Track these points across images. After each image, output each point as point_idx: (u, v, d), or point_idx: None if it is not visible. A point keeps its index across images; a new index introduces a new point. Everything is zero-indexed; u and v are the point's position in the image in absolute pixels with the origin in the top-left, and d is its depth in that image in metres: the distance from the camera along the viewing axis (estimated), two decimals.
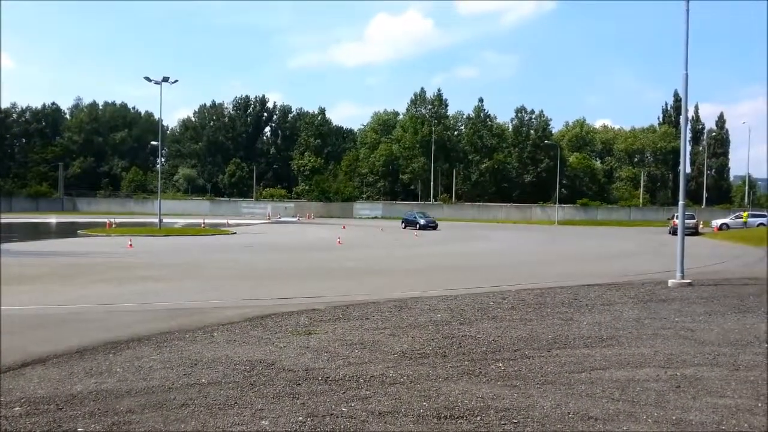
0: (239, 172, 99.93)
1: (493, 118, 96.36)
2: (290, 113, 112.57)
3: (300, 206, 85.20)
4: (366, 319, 10.25)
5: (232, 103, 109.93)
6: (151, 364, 7.23)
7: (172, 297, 13.26)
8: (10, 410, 5.63)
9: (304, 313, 10.78)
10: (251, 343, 8.37)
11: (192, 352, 7.87)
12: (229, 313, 10.87)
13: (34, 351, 7.84)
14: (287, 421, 5.33)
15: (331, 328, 9.50)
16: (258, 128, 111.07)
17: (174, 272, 18.38)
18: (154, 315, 10.86)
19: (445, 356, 7.77)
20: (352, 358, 7.57)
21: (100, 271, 18.29)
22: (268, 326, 9.58)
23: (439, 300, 12.44)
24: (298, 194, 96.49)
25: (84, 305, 11.91)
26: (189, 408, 5.67)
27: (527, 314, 10.91)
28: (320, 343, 8.42)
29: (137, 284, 15.26)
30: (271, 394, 6.10)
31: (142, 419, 5.37)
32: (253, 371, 6.93)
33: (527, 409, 5.69)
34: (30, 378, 6.70)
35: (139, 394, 6.09)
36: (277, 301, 12.44)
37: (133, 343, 8.39)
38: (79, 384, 6.44)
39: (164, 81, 42.00)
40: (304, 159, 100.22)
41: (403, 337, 8.87)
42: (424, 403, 5.83)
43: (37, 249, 26.98)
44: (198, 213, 75.32)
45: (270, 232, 44.83)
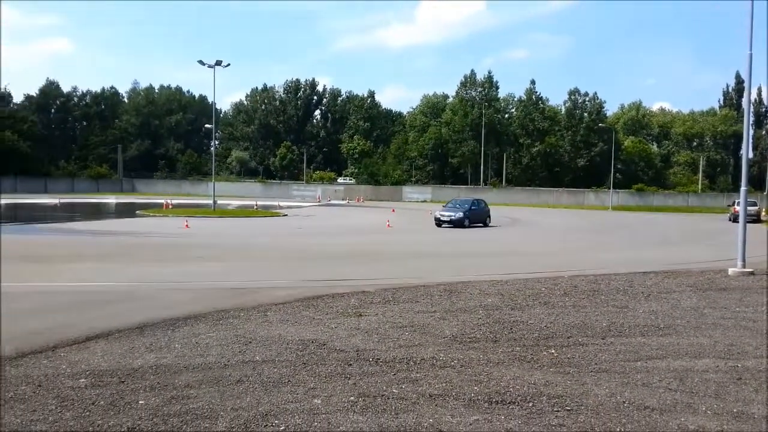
0: (290, 155, 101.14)
1: (545, 100, 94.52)
2: (340, 96, 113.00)
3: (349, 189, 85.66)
4: (416, 302, 10.27)
5: (282, 87, 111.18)
6: (208, 341, 7.45)
7: (226, 277, 13.60)
8: (76, 381, 5.89)
9: (354, 295, 10.87)
10: (303, 323, 8.51)
11: (246, 330, 8.06)
12: (281, 294, 11.06)
13: (97, 326, 8.18)
14: (339, 400, 5.42)
15: (381, 310, 9.56)
16: (308, 112, 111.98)
17: (228, 253, 18.82)
18: (210, 294, 11.17)
19: (496, 341, 7.73)
20: (402, 341, 7.61)
21: (158, 251, 18.90)
22: (319, 307, 9.71)
23: (489, 284, 12.35)
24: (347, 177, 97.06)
25: (143, 283, 12.34)
26: (244, 384, 5.82)
27: (580, 301, 10.72)
28: (370, 324, 8.49)
29: (193, 264, 15.70)
30: (323, 373, 6.20)
31: (200, 394, 5.54)
32: (305, 350, 7.06)
33: (581, 397, 5.62)
34: (94, 351, 6.99)
35: (197, 370, 6.28)
36: (327, 283, 12.59)
37: (190, 320, 8.65)
38: (140, 358, 6.69)
39: (217, 65, 42.75)
40: (354, 142, 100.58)
41: (453, 321, 8.85)
42: (475, 388, 5.82)
43: (98, 228, 28.04)
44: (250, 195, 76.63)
45: (320, 215, 45.32)
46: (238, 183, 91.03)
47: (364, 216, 44.97)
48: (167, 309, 9.48)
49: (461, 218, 32.79)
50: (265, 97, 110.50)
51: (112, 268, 14.77)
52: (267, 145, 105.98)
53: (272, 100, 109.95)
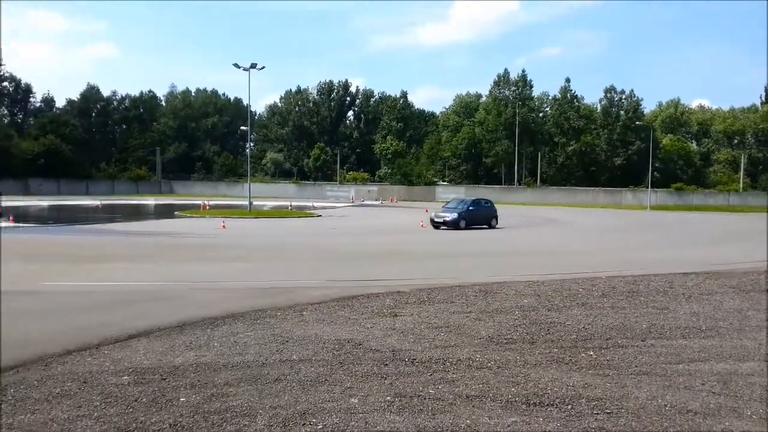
0: (323, 156, 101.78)
1: (581, 98, 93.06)
2: (372, 97, 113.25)
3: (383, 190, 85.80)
4: (451, 303, 10.24)
5: (316, 88, 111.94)
6: (246, 340, 7.55)
7: (262, 276, 13.76)
8: (119, 378, 6.04)
9: (389, 295, 10.89)
10: (339, 323, 8.56)
11: (283, 329, 8.15)
12: (316, 293, 11.15)
13: (139, 324, 8.37)
14: (375, 399, 5.44)
15: (416, 310, 9.56)
16: (341, 113, 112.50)
17: (264, 253, 19.05)
18: (247, 293, 11.32)
19: (533, 342, 7.66)
20: (438, 341, 7.60)
21: (196, 251, 19.23)
22: (354, 307, 9.76)
23: (525, 285, 12.23)
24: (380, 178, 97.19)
25: (182, 283, 12.57)
26: (282, 383, 5.89)
27: (619, 302, 10.54)
28: (406, 325, 8.50)
29: (231, 263, 15.93)
30: (360, 373, 6.24)
31: (239, 392, 5.63)
32: (341, 350, 7.10)
33: (621, 400, 5.53)
34: (136, 349, 7.16)
35: (236, 368, 6.38)
36: (362, 283, 12.64)
37: (228, 319, 8.79)
38: (181, 356, 6.82)
39: (252, 67, 43.27)
40: (387, 143, 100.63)
41: (489, 321, 8.80)
42: (512, 389, 5.78)
43: (139, 229, 28.66)
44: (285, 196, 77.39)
45: (353, 215, 45.47)
46: (272, 184, 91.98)
47: (397, 216, 44.99)
48: (206, 308, 9.65)
49: (455, 219, 30.39)
50: (298, 99, 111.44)
51: (152, 267, 15.08)
52: (301, 147, 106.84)
53: (306, 102, 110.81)
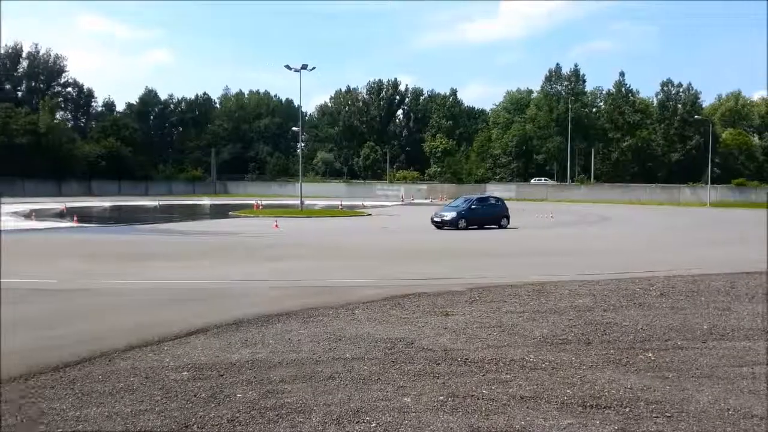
0: (373, 155, 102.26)
1: (636, 93, 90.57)
2: (422, 95, 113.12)
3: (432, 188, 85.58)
4: (503, 302, 10.14)
5: (365, 88, 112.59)
6: (299, 338, 7.67)
7: (314, 275, 13.93)
8: (179, 374, 6.23)
9: (441, 295, 10.86)
10: (391, 322, 8.59)
11: (335, 327, 8.23)
12: (368, 292, 11.21)
13: (196, 322, 8.60)
14: (428, 399, 5.44)
15: (468, 310, 9.51)
16: (391, 112, 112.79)
17: (315, 252, 19.28)
18: (300, 291, 11.49)
19: (589, 343, 7.50)
20: (490, 341, 7.54)
21: (250, 250, 19.63)
22: (406, 306, 9.78)
23: (579, 284, 11.99)
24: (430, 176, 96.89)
25: (237, 281, 12.86)
26: (335, 381, 5.96)
27: (678, 302, 10.21)
28: (458, 324, 8.46)
29: (283, 262, 16.19)
30: (412, 372, 6.25)
31: (293, 389, 5.73)
32: (393, 349, 7.13)
33: (681, 403, 5.37)
34: (194, 346, 7.36)
35: (290, 365, 6.49)
36: (413, 282, 12.64)
37: (282, 317, 8.94)
38: (237, 353, 6.98)
39: (303, 69, 43.83)
40: (436, 141, 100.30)
41: (542, 321, 8.67)
42: (567, 391, 5.69)
43: (195, 229, 29.45)
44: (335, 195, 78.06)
45: (403, 214, 45.52)
46: (323, 183, 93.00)
47: None
48: (260, 306, 9.85)
49: (454, 219, 28.45)
50: (348, 99, 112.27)
51: (209, 266, 15.47)
52: (351, 146, 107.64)
53: (355, 102, 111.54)
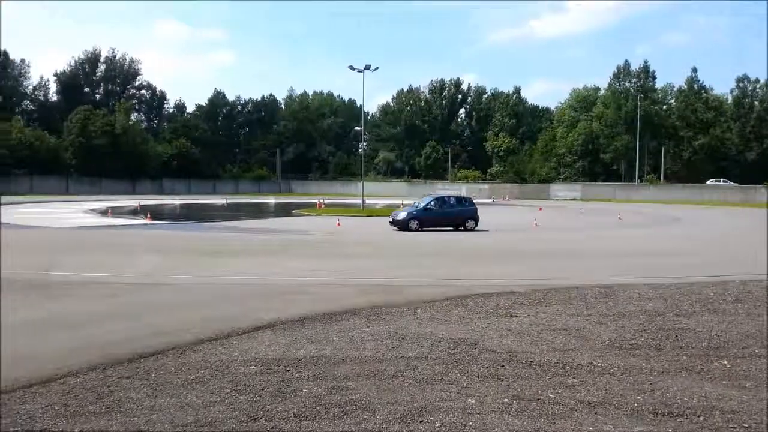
0: (435, 155, 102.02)
1: (709, 89, 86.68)
2: (484, 94, 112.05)
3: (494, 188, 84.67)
4: (569, 305, 9.92)
5: (427, 87, 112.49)
6: (363, 336, 7.74)
7: (377, 273, 14.02)
8: (247, 368, 6.40)
9: (504, 295, 10.73)
10: (453, 322, 8.55)
11: (398, 326, 8.26)
12: (430, 291, 11.21)
13: (263, 317, 8.82)
14: (493, 401, 5.39)
15: (532, 311, 9.35)
16: (453, 111, 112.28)
17: (377, 250, 19.41)
18: (362, 289, 11.58)
19: (660, 349, 7.25)
20: (556, 344, 7.40)
21: (314, 248, 19.96)
22: (468, 306, 9.71)
23: (649, 288, 11.59)
24: (492, 176, 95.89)
25: (301, 278, 13.09)
26: (399, 379, 5.99)
27: (756, 308, 9.72)
28: (522, 326, 8.34)
29: (346, 260, 16.38)
30: (476, 373, 6.20)
31: (357, 386, 5.79)
32: (456, 349, 7.10)
33: (760, 414, 5.12)
34: (261, 341, 7.55)
35: (354, 363, 6.56)
36: (475, 282, 12.54)
37: (345, 314, 9.05)
38: (302, 349, 7.12)
39: (366, 69, 44.18)
40: (499, 140, 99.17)
41: (610, 325, 8.43)
42: (638, 397, 5.52)
43: (261, 226, 30.18)
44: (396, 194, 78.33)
45: None
46: (384, 183, 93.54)
47: (509, 214, 44.18)
48: (324, 303, 10.00)
49: (404, 219, 26.61)
50: (410, 98, 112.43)
51: (274, 263, 15.82)
52: (412, 145, 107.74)
53: (417, 101, 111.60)
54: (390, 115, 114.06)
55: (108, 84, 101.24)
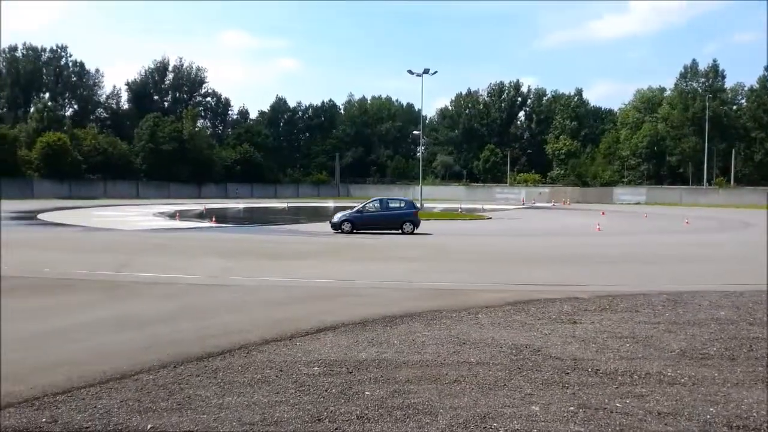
0: (493, 158, 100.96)
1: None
2: (545, 96, 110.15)
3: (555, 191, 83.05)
4: (635, 312, 9.63)
5: (486, 90, 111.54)
6: (423, 340, 7.75)
7: (435, 277, 13.98)
8: (311, 369, 6.51)
9: (567, 301, 10.52)
10: (515, 328, 8.45)
11: (459, 331, 8.23)
12: (489, 297, 11.09)
13: (325, 319, 8.95)
14: (558, 409, 5.30)
15: (597, 318, 9.13)
16: (512, 113, 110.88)
17: (434, 253, 19.35)
18: (423, 293, 11.59)
19: (734, 359, 6.95)
20: (623, 352, 7.20)
21: (372, 251, 20.08)
22: (530, 312, 9.57)
23: (720, 295, 11.12)
24: (552, 179, 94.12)
25: (361, 280, 13.20)
26: (460, 384, 5.96)
27: None
28: (587, 333, 8.15)
29: (404, 264, 16.40)
30: (540, 380, 6.11)
31: (419, 390, 5.80)
32: (519, 355, 7.01)
33: None
34: (324, 342, 7.66)
35: (415, 366, 6.58)
36: (536, 287, 12.34)
37: (406, 318, 9.07)
38: (364, 352, 7.18)
39: (424, 73, 44.21)
40: (560, 143, 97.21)
41: (680, 334, 8.14)
42: (710, 409, 5.31)
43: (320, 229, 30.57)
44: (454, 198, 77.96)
45: (524, 218, 44.52)
46: (442, 186, 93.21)
47: (571, 219, 43.23)
48: (384, 306, 10.05)
49: (338, 222, 26.81)
50: (469, 101, 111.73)
51: (334, 265, 15.99)
52: (471, 149, 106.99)
53: (476, 104, 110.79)
54: (448, 118, 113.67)
55: (176, 92, 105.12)
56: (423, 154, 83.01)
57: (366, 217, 27.24)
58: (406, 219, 26.94)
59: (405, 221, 26.85)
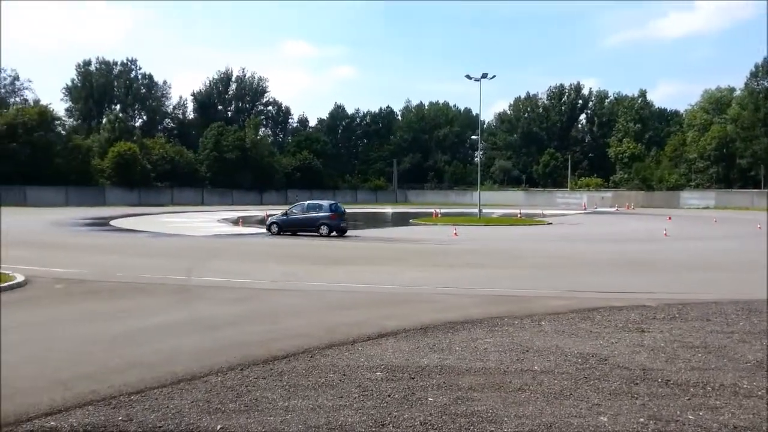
0: (553, 162, 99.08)
1: None
2: (607, 98, 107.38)
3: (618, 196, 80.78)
4: (707, 321, 9.27)
5: (546, 93, 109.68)
6: (486, 347, 7.69)
7: (497, 284, 13.82)
8: (373, 374, 6.57)
9: (634, 309, 10.23)
10: (580, 336, 8.28)
11: (522, 338, 8.12)
12: (553, 303, 10.91)
13: (387, 324, 9.01)
14: (627, 420, 5.16)
15: (666, 327, 8.84)
16: (572, 117, 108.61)
17: (496, 260, 19.15)
18: (483, 299, 11.50)
19: None
20: (694, 362, 6.95)
21: (432, 257, 20.06)
22: (596, 320, 9.35)
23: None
24: (615, 183, 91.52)
25: (421, 286, 13.20)
26: (525, 393, 5.89)
27: None
28: (655, 342, 7.90)
29: (465, 270, 16.31)
30: (607, 390, 5.97)
31: (483, 397, 5.76)
32: (585, 364, 6.86)
33: None
34: (385, 348, 7.71)
35: (478, 374, 6.54)
36: (601, 295, 12.04)
37: (467, 324, 9.03)
38: (426, 358, 7.19)
39: (483, 77, 43.86)
40: (623, 146, 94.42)
41: (756, 344, 7.79)
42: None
43: (379, 235, 30.77)
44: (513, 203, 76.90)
45: (586, 223, 43.45)
46: (501, 192, 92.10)
47: (635, 224, 41.90)
48: (446, 312, 10.04)
49: (268, 224, 29.01)
50: (528, 105, 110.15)
51: (393, 271, 16.05)
52: (530, 153, 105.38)
53: (535, 107, 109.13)
54: (506, 122, 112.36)
55: (239, 102, 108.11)
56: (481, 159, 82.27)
57: (290, 220, 28.67)
58: (321, 222, 28.00)
59: (321, 224, 27.94)
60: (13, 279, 12.83)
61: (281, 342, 7.99)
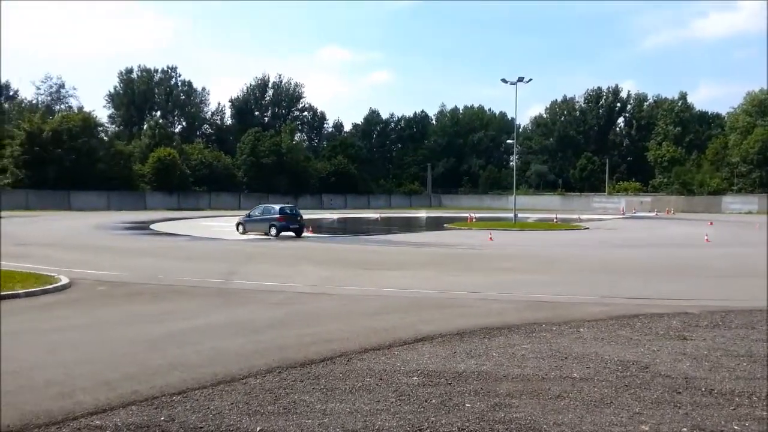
0: (590, 166, 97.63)
1: None
2: (646, 101, 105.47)
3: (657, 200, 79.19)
4: (752, 329, 9.02)
5: (583, 96, 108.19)
6: (523, 353, 7.62)
7: (533, 289, 13.68)
8: (410, 379, 6.57)
9: (676, 316, 10.00)
10: (620, 343, 8.14)
11: (560, 345, 8.03)
12: (591, 310, 10.75)
13: (423, 329, 9.00)
14: (669, 429, 5.07)
15: (709, 335, 8.63)
16: (610, 120, 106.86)
17: (532, 265, 18.94)
18: (521, 305, 11.40)
19: None
20: (739, 372, 6.77)
21: (467, 262, 19.97)
22: (636, 327, 9.18)
23: None
24: (654, 188, 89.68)
25: (457, 291, 13.16)
26: (564, 400, 5.82)
27: None
28: (698, 350, 7.73)
29: (501, 275, 16.19)
30: (649, 398, 5.86)
31: (521, 404, 5.71)
32: (626, 372, 6.75)
33: None
34: (422, 353, 7.70)
35: (516, 380, 6.49)
36: (641, 301, 11.82)
37: (504, 330, 8.96)
38: (462, 363, 7.16)
39: (519, 81, 43.52)
40: (662, 149, 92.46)
41: None
42: None
43: (414, 240, 30.76)
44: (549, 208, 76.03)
45: (625, 228, 42.66)
46: (536, 196, 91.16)
47: (677, 229, 40.99)
48: (482, 317, 9.98)
49: (236, 224, 32.56)
50: (564, 109, 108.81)
51: (431, 276, 16.03)
52: (566, 157, 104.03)
53: (572, 111, 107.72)
54: (542, 126, 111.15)
55: (275, 107, 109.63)
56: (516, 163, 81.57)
57: (250, 221, 31.93)
58: (271, 223, 30.42)
59: (271, 225, 30.39)
60: (58, 281, 13.22)
61: (318, 345, 8.06)
